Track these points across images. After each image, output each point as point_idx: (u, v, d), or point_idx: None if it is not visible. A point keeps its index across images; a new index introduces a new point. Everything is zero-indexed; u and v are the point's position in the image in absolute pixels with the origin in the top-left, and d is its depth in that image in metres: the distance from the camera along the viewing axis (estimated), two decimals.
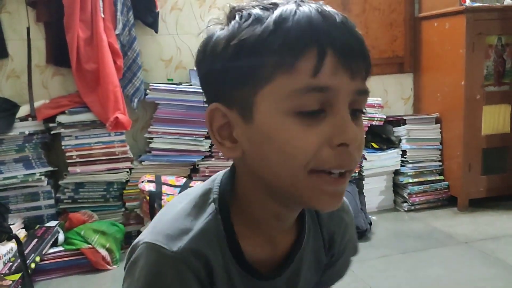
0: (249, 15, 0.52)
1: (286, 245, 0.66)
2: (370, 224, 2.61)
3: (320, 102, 0.50)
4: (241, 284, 0.62)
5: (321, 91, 0.50)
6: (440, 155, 3.04)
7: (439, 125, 3.02)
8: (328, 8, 0.54)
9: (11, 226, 2.24)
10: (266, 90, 0.51)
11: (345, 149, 0.51)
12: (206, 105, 0.59)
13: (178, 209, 0.61)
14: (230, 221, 0.60)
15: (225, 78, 0.54)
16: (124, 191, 2.60)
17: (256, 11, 0.53)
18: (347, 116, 0.51)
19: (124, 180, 2.58)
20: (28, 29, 2.58)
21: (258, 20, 0.51)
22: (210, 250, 0.59)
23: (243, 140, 0.55)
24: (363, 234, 2.50)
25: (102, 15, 2.48)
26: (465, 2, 2.78)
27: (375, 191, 2.98)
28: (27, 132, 2.47)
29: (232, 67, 0.53)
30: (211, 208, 0.61)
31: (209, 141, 2.64)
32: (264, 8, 0.53)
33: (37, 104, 2.55)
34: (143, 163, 2.62)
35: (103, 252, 2.27)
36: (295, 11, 0.51)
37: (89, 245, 2.28)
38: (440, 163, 3.03)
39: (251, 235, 0.62)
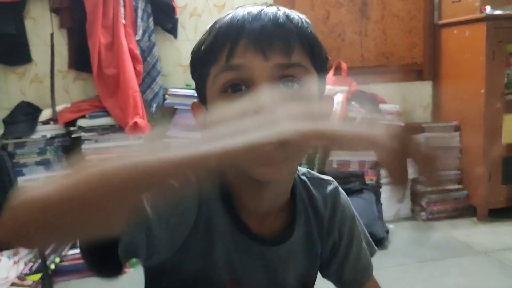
0: (213, 24, 0.65)
1: (278, 225, 0.71)
2: (387, 232, 2.59)
3: (240, 80, 0.60)
4: (232, 239, 0.67)
5: (234, 69, 0.59)
6: (459, 163, 3.00)
7: (458, 133, 2.99)
8: (269, 9, 0.62)
9: None
10: (208, 81, 0.63)
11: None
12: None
13: None
14: (226, 184, 0.67)
15: (193, 78, 0.68)
16: None
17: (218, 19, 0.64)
18: (262, 88, 0.57)
19: None
20: (51, 35, 2.64)
21: (207, 30, 0.65)
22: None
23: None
24: (380, 242, 2.48)
25: (123, 21, 2.53)
26: (485, 9, 2.75)
27: (393, 199, 2.95)
28: (48, 136, 2.52)
29: (192, 68, 0.67)
30: None
31: None
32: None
33: (58, 108, 2.60)
34: None
35: None
36: (229, 14, 0.63)
37: None
38: (459, 172, 2.99)
39: (243, 208, 0.68)
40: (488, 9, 2.75)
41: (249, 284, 0.69)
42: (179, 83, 2.86)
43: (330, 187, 0.78)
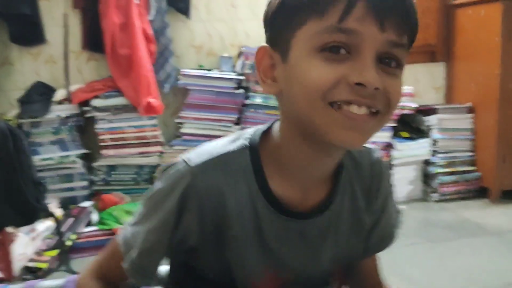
0: None
1: (317, 198, 0.67)
2: (399, 213, 2.59)
3: (345, 44, 0.55)
4: (268, 221, 0.65)
5: (345, 33, 0.54)
6: (472, 145, 2.98)
7: (471, 115, 2.97)
8: None
9: (48, 205, 2.32)
10: (300, 33, 0.57)
11: (362, 88, 0.54)
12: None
13: (216, 141, 0.68)
14: (259, 158, 0.64)
15: (273, 24, 0.61)
16: (155, 175, 2.66)
17: None
18: (370, 61, 0.54)
19: (155, 164, 2.64)
20: (65, 15, 2.65)
21: None
22: (228, 180, 0.63)
23: (281, 79, 0.61)
24: None
25: (137, 1, 2.53)
26: None
27: (404, 180, 2.95)
28: (63, 115, 2.55)
29: (277, 13, 0.59)
30: (240, 142, 0.66)
31: (238, 127, 2.67)
32: None
33: (72, 88, 2.63)
34: (173, 147, 2.67)
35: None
36: None
37: (122, 226, 2.35)
38: (472, 154, 2.98)
39: (281, 178, 0.65)
40: None
41: (288, 262, 0.67)
42: (191, 64, 2.87)
43: (375, 155, 0.74)
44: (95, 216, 2.43)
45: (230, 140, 0.67)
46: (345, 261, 0.73)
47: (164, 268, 0.77)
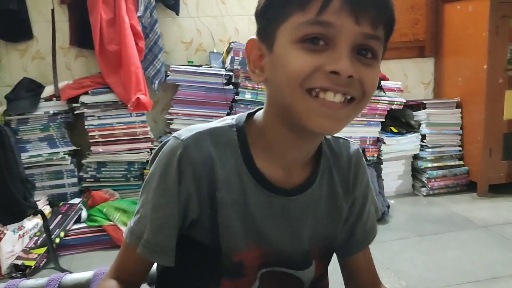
0: None
1: (299, 179, 0.71)
2: (388, 207, 2.62)
3: (323, 36, 0.59)
4: (252, 194, 0.68)
5: (323, 25, 0.58)
6: (460, 140, 3.01)
7: (459, 109, 2.99)
8: None
9: (36, 203, 2.30)
10: (285, 25, 0.61)
11: (337, 77, 0.59)
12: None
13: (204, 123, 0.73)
14: (245, 135, 0.69)
15: (262, 17, 0.65)
16: (145, 171, 2.65)
17: None
18: (344, 51, 0.59)
19: (145, 160, 2.63)
20: (52, 11, 2.62)
21: None
22: (217, 150, 0.67)
23: (267, 68, 0.65)
24: (381, 217, 2.51)
25: None
26: None
27: (394, 175, 2.97)
28: (51, 112, 2.53)
29: (266, 8, 0.64)
30: (227, 121, 0.71)
31: None
32: None
33: (61, 85, 2.60)
34: None
35: (124, 229, 2.32)
36: None
37: (111, 223, 2.34)
38: (460, 148, 3.01)
39: (265, 157, 0.69)
40: None
41: (270, 235, 0.70)
42: (181, 60, 2.86)
43: (354, 147, 0.78)
44: (84, 213, 2.42)
45: (217, 121, 0.72)
46: (323, 243, 0.75)
47: None
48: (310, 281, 0.75)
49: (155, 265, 0.78)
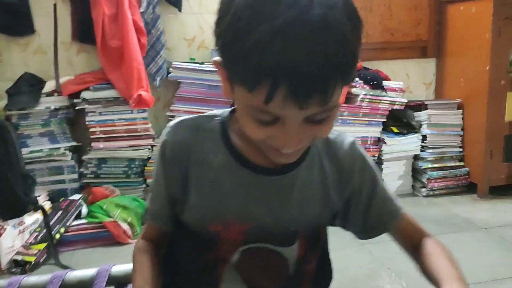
0: (237, 15, 0.56)
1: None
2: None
3: (272, 118, 0.60)
4: (231, 173, 0.73)
5: (269, 114, 0.59)
6: (461, 141, 3.01)
7: (461, 110, 2.99)
8: (318, 43, 0.54)
9: (37, 198, 2.30)
10: (237, 91, 0.61)
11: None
12: None
13: None
14: (226, 123, 0.75)
15: (218, 51, 0.62)
16: (146, 168, 2.65)
17: (247, 13, 0.56)
18: (292, 133, 0.61)
19: (146, 157, 2.62)
20: (55, 5, 2.61)
21: (239, 29, 0.56)
22: (196, 135, 0.74)
23: (233, 100, 0.67)
24: None
25: None
26: None
27: (394, 175, 2.97)
28: (52, 107, 2.52)
29: (220, 50, 0.61)
30: (212, 113, 0.78)
31: None
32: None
33: (62, 80, 2.60)
34: None
35: (125, 226, 2.33)
36: (269, 34, 0.53)
37: (111, 219, 2.34)
38: (461, 149, 3.01)
39: (245, 144, 0.73)
40: None
41: (251, 213, 0.73)
42: (183, 57, 2.85)
43: (348, 138, 0.80)
44: (84, 209, 2.41)
45: (204, 114, 0.80)
46: (309, 225, 0.77)
47: None
48: (294, 259, 0.76)
49: None
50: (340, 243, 1.09)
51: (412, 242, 0.83)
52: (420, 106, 3.02)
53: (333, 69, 0.55)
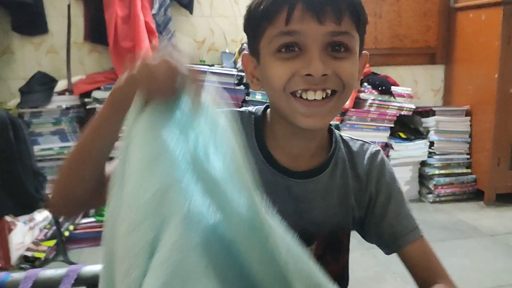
0: None
1: (305, 167, 0.78)
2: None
3: (295, 43, 0.67)
4: (259, 171, 0.71)
5: (291, 35, 0.67)
6: (468, 148, 3.01)
7: (469, 117, 2.99)
8: None
9: (47, 195, 2.33)
10: (263, 40, 0.70)
11: (312, 78, 0.67)
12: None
13: None
14: (261, 123, 0.78)
15: (246, 35, 0.75)
16: None
17: None
18: (315, 54, 0.66)
19: None
20: (68, 6, 2.65)
21: None
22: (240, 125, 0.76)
23: (260, 78, 0.75)
24: None
25: None
26: None
27: (401, 181, 2.89)
28: (64, 106, 2.55)
29: (246, 27, 0.74)
30: (248, 109, 0.81)
31: None
32: None
33: (74, 79, 2.63)
34: None
35: None
36: None
37: None
38: (468, 156, 3.01)
39: (275, 145, 0.77)
40: None
41: (278, 215, 0.72)
42: (193, 59, 2.87)
43: (373, 148, 0.83)
44: None
45: (240, 108, 0.83)
46: (329, 229, 0.78)
47: None
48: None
49: None
50: None
51: (422, 276, 0.78)
52: (428, 112, 3.02)
53: None
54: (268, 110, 0.80)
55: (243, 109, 0.81)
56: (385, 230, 0.79)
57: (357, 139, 0.83)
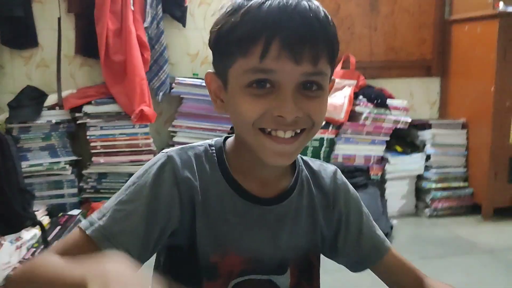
0: (232, 5, 0.66)
1: (274, 192, 0.76)
2: (391, 228, 2.58)
3: (268, 80, 0.64)
4: (230, 202, 0.73)
5: (265, 72, 0.63)
6: (465, 161, 2.98)
7: (465, 130, 2.97)
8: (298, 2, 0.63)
9: (35, 213, 2.27)
10: (233, 69, 0.66)
11: (283, 119, 0.65)
12: None
13: None
14: (222, 152, 0.75)
15: (213, 55, 0.71)
16: None
17: (240, 1, 0.65)
18: (288, 95, 0.64)
19: None
20: (59, 19, 2.60)
21: (235, 11, 0.65)
22: (197, 162, 0.73)
23: (226, 104, 0.71)
24: None
25: (132, 8, 2.50)
26: (498, 6, 2.72)
27: (397, 195, 2.93)
28: (54, 121, 2.50)
29: (214, 49, 0.70)
30: (206, 142, 0.78)
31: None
32: None
33: (64, 93, 2.58)
34: None
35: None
36: (262, 4, 0.63)
37: None
38: (465, 170, 2.98)
39: (241, 172, 0.75)
40: (501, 5, 2.71)
41: (248, 242, 0.73)
42: (186, 72, 2.84)
43: (331, 167, 0.84)
44: None
45: (197, 143, 0.78)
46: (300, 252, 0.78)
47: None
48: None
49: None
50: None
51: (406, 280, 0.83)
52: (424, 125, 2.99)
53: (322, 30, 0.63)
54: (228, 140, 0.78)
55: (200, 143, 0.77)
56: (365, 244, 0.82)
57: (314, 159, 0.85)
